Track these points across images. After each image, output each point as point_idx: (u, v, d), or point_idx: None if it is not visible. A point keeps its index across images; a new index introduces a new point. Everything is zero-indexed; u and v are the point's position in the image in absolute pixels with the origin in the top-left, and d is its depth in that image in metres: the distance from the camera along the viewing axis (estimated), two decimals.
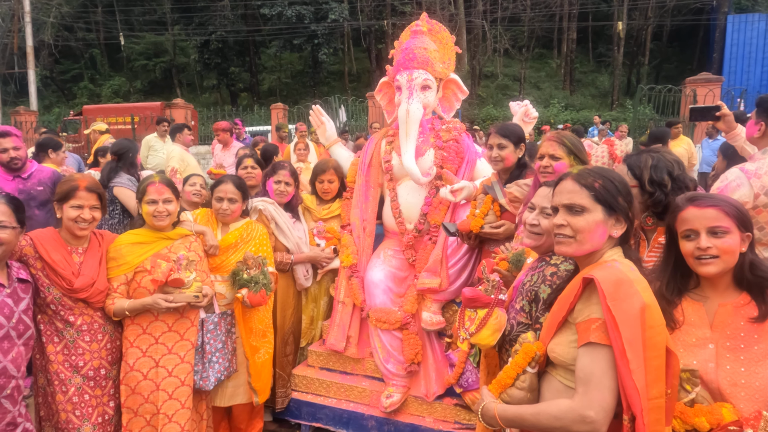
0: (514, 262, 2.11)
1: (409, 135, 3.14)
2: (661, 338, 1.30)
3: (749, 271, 1.51)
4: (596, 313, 1.32)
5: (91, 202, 2.40)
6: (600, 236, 1.43)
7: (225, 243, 2.88)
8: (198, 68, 27.29)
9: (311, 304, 3.62)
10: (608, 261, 1.41)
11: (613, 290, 1.30)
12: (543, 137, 2.50)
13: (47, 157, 4.93)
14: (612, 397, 1.29)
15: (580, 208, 1.44)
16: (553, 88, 24.86)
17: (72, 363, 2.42)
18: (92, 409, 2.45)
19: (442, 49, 3.43)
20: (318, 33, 23.27)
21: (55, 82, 28.63)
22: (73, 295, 2.37)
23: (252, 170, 3.67)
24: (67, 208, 2.37)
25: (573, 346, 1.38)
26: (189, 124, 15.56)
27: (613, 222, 1.44)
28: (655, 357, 1.28)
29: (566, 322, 1.43)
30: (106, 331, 2.52)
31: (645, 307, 1.29)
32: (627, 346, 1.25)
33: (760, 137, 2.43)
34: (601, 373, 1.29)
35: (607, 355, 1.29)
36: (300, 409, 3.32)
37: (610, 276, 1.33)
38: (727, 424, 1.37)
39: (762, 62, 19.20)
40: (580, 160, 2.34)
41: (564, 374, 1.42)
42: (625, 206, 1.44)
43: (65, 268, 2.34)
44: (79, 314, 2.42)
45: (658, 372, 1.28)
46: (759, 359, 1.46)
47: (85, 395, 2.44)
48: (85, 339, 2.45)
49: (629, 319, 1.27)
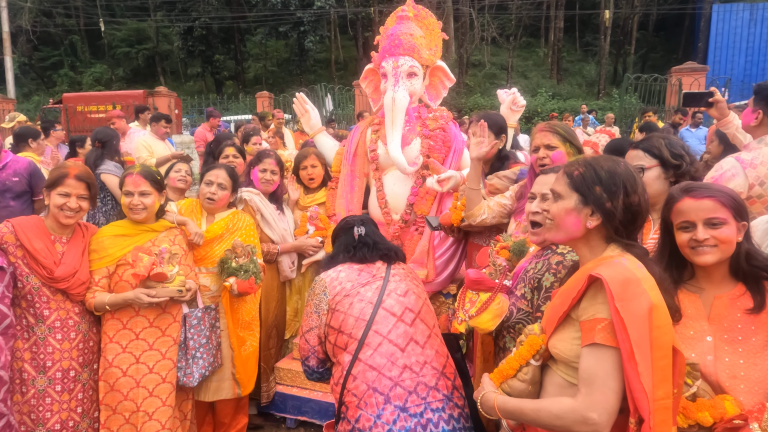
0: (516, 251, 2.07)
1: (395, 123, 3.07)
2: (668, 338, 1.27)
3: (745, 261, 1.49)
4: (602, 313, 1.28)
5: (79, 191, 2.35)
6: (572, 225, 1.39)
7: (211, 234, 2.81)
8: (182, 56, 26.85)
9: (296, 296, 3.56)
10: (614, 257, 1.36)
11: (621, 290, 1.25)
12: (533, 129, 2.45)
13: (27, 147, 4.81)
14: (616, 400, 1.25)
15: (557, 195, 1.44)
16: (540, 77, 24.88)
17: (39, 362, 2.32)
18: (51, 414, 2.34)
19: (428, 35, 3.35)
20: (304, 20, 22.96)
21: (34, 70, 27.95)
22: (54, 284, 2.30)
23: (234, 159, 3.56)
24: (54, 195, 2.32)
25: (576, 344, 1.34)
26: (173, 112, 15.36)
27: (589, 212, 1.38)
28: (661, 357, 1.24)
29: (569, 318, 1.38)
30: (80, 330, 2.42)
31: (653, 307, 1.25)
32: (635, 348, 1.21)
33: (757, 125, 2.40)
34: (605, 375, 1.25)
35: (612, 356, 1.25)
36: (285, 402, 3.27)
37: (617, 275, 1.28)
38: (731, 417, 1.35)
39: (746, 51, 19.37)
40: (575, 146, 2.31)
41: (566, 370, 1.38)
42: (602, 197, 1.35)
43: (47, 256, 2.28)
44: (55, 308, 2.34)
45: (664, 372, 1.25)
46: (757, 351, 1.44)
47: (47, 398, 2.33)
48: (57, 337, 2.35)
49: (637, 320, 1.23)
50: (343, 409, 1.83)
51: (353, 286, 1.95)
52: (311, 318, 1.99)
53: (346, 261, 2.07)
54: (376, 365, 1.82)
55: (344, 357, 1.88)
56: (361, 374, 1.82)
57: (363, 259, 2.06)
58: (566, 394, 1.35)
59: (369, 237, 2.12)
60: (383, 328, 1.87)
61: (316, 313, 1.98)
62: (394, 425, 1.74)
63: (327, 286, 1.99)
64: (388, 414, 1.75)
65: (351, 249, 2.09)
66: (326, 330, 1.95)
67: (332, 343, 1.93)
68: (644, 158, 1.94)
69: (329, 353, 1.98)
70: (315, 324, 1.98)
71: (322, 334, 1.98)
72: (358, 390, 1.81)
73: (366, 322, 1.87)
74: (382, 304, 1.91)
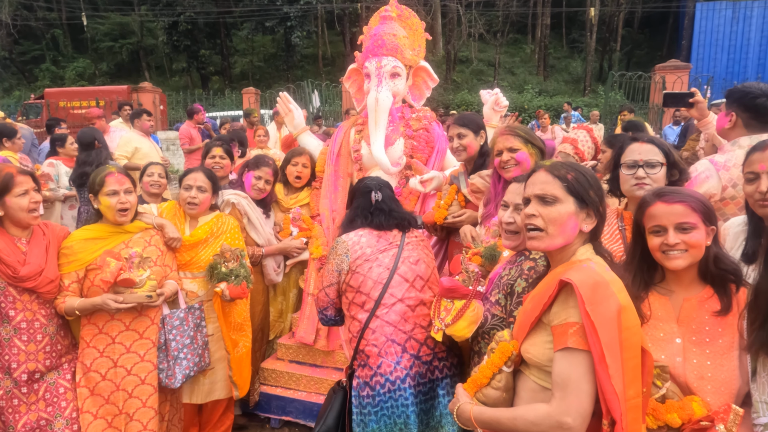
0: (488, 257, 2.08)
1: (379, 124, 3.08)
2: (636, 339, 1.29)
3: (713, 265, 1.52)
4: (573, 317, 1.30)
5: (32, 184, 2.31)
6: (571, 229, 1.40)
7: (194, 238, 2.76)
8: (167, 50, 26.43)
9: (280, 297, 3.55)
10: (583, 261, 1.38)
11: (591, 294, 1.27)
12: (494, 134, 2.44)
13: (2, 146, 4.75)
14: (589, 402, 1.27)
15: (552, 198, 1.40)
16: (527, 74, 24.99)
17: (4, 363, 2.28)
18: (20, 416, 2.32)
19: (411, 35, 3.36)
20: (291, 15, 22.77)
21: (14, 64, 27.39)
22: (20, 284, 2.25)
23: (221, 160, 3.49)
24: (13, 199, 2.24)
25: (548, 348, 1.35)
26: (158, 108, 15.17)
27: (584, 216, 1.41)
28: (631, 358, 1.26)
29: (540, 323, 1.40)
30: (47, 332, 2.37)
31: (621, 308, 1.27)
32: (606, 350, 1.23)
33: (731, 128, 2.43)
34: (578, 378, 1.27)
35: (584, 360, 1.27)
36: (269, 402, 3.28)
37: (587, 279, 1.30)
38: (698, 419, 1.38)
39: (728, 50, 19.62)
40: (537, 147, 2.33)
41: (538, 374, 1.40)
42: (596, 200, 1.41)
43: (10, 255, 2.23)
44: (21, 309, 2.29)
45: (634, 372, 1.27)
46: (724, 352, 1.47)
47: (14, 400, 2.31)
48: (22, 338, 2.31)
49: (606, 322, 1.25)
50: (363, 358, 2.12)
51: (372, 252, 2.19)
52: (332, 275, 2.23)
53: (365, 227, 2.26)
54: (392, 321, 2.11)
55: (361, 314, 2.15)
56: (380, 328, 2.10)
57: (380, 226, 2.25)
58: (540, 398, 1.37)
59: (385, 203, 2.30)
60: (397, 291, 2.14)
61: (337, 271, 2.21)
62: (410, 370, 2.06)
63: (349, 248, 2.20)
64: (405, 361, 2.07)
65: (368, 215, 2.28)
66: (344, 287, 2.20)
67: (349, 300, 2.19)
68: (659, 154, 1.96)
69: (344, 306, 2.25)
70: (335, 280, 2.23)
71: (341, 289, 2.23)
72: (378, 341, 2.10)
73: (383, 285, 2.13)
74: (397, 270, 2.17)
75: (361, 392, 2.10)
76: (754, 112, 2.37)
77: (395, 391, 2.04)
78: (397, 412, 2.04)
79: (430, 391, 2.12)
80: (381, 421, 2.06)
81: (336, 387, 2.26)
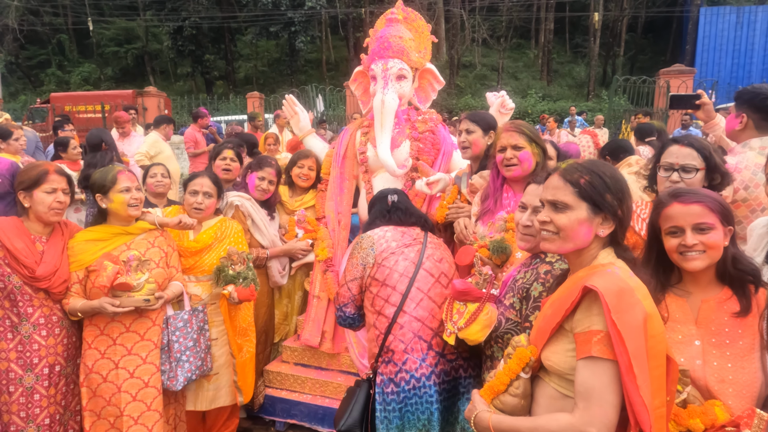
0: (494, 250, 2.05)
1: (385, 126, 3.06)
2: (662, 347, 1.25)
3: (732, 265, 1.49)
4: (597, 325, 1.25)
5: (62, 185, 2.38)
6: (584, 235, 1.35)
7: (200, 243, 2.76)
8: (171, 55, 26.59)
9: (285, 299, 3.53)
10: (606, 265, 1.33)
11: (616, 302, 1.22)
12: (498, 130, 2.40)
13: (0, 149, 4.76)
14: (614, 413, 1.22)
15: (563, 205, 1.36)
16: (530, 79, 25.00)
17: (26, 360, 2.32)
18: (41, 410, 2.35)
19: (417, 37, 3.34)
20: (295, 20, 22.87)
21: (20, 69, 27.57)
22: (35, 283, 2.29)
23: (231, 163, 3.46)
24: (40, 194, 2.31)
25: (570, 356, 1.30)
26: (162, 112, 15.23)
27: (600, 221, 1.35)
28: (656, 366, 1.22)
29: (562, 329, 1.34)
30: (64, 325, 2.43)
31: (647, 316, 1.23)
32: (633, 360, 1.18)
33: (741, 130, 2.41)
34: (602, 388, 1.22)
35: (608, 369, 1.22)
36: (274, 405, 3.25)
37: (612, 286, 1.25)
38: (721, 424, 1.35)
39: (732, 54, 19.61)
40: (541, 147, 2.30)
41: (559, 382, 1.35)
42: (614, 204, 1.34)
43: (27, 255, 2.28)
44: (38, 306, 2.34)
45: (659, 381, 1.23)
46: (744, 354, 1.44)
47: (36, 395, 2.34)
48: (42, 333, 2.35)
49: (633, 330, 1.20)
50: (389, 354, 2.10)
51: (398, 245, 2.18)
52: (356, 269, 2.20)
53: (385, 224, 2.29)
54: (419, 317, 2.09)
55: (388, 309, 2.12)
56: (408, 324, 2.08)
57: (400, 222, 2.28)
58: (559, 405, 1.32)
59: (402, 203, 2.34)
60: (424, 286, 2.13)
61: (362, 264, 2.19)
62: (435, 367, 2.06)
63: (374, 242, 2.19)
64: (431, 358, 2.07)
65: (386, 214, 2.31)
66: (369, 281, 2.17)
67: (374, 293, 2.15)
68: (697, 159, 1.93)
69: (366, 302, 2.20)
70: (359, 275, 2.20)
71: (364, 284, 2.20)
72: (405, 337, 2.08)
73: (409, 278, 2.12)
74: (423, 265, 2.16)
75: (386, 389, 2.09)
76: (765, 113, 2.35)
77: (420, 388, 2.04)
78: (421, 409, 2.04)
79: (453, 389, 2.12)
80: (404, 417, 2.06)
81: (359, 381, 2.23)
